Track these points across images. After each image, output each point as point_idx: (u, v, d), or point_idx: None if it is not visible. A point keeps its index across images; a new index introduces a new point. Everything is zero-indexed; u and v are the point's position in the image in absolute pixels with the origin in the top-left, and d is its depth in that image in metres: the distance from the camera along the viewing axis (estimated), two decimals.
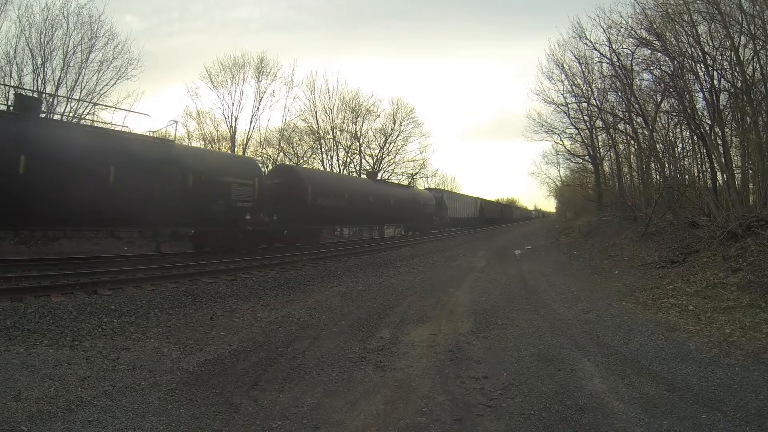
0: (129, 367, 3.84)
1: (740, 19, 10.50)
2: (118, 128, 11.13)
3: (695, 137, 13.25)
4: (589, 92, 21.65)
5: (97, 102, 18.73)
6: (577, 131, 25.72)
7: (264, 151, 27.53)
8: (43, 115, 12.67)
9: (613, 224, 18.20)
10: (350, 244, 18.33)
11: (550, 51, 39.60)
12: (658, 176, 16.67)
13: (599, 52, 18.01)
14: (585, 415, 3.00)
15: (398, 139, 35.65)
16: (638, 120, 16.69)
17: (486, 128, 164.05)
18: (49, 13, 17.85)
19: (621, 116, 18.92)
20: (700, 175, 13.67)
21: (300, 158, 28.79)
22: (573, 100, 22.96)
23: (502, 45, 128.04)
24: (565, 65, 22.20)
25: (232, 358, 4.19)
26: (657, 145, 15.62)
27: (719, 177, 11.63)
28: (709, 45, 11.53)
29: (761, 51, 10.41)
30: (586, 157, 26.77)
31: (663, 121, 15.94)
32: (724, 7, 10.53)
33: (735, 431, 2.82)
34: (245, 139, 27.27)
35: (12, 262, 8.80)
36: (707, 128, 11.78)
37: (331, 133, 32.06)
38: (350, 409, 3.14)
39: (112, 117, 52.09)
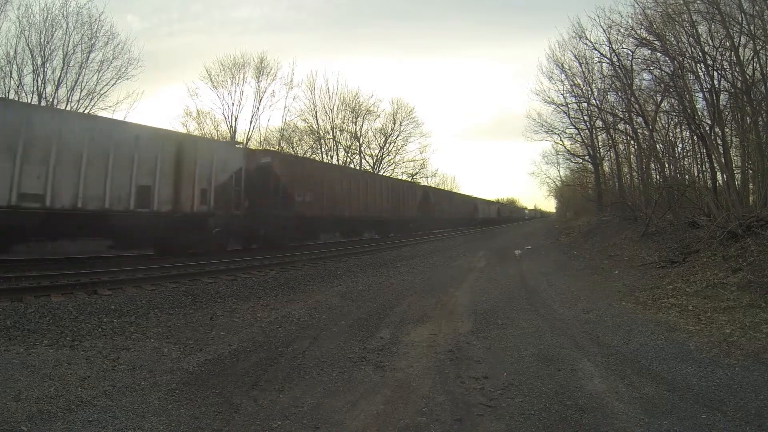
0: (129, 367, 3.83)
1: (740, 19, 10.49)
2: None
3: (695, 137, 13.22)
4: (589, 92, 21.65)
5: (97, 102, 18.92)
6: (577, 131, 25.71)
7: None
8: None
9: (613, 224, 18.18)
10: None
11: (550, 51, 39.52)
12: (658, 176, 16.66)
13: (599, 52, 18.03)
14: (585, 415, 3.00)
15: (398, 139, 35.74)
16: (638, 120, 16.68)
17: (486, 128, 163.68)
18: (49, 14, 17.92)
19: (621, 116, 18.91)
20: (700, 175, 13.65)
21: None
22: (573, 100, 22.96)
23: (502, 45, 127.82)
24: (565, 65, 22.21)
25: (232, 358, 4.19)
26: (657, 145, 15.62)
27: (719, 177, 11.61)
28: (709, 45, 11.52)
29: (761, 51, 10.38)
30: (586, 157, 26.75)
31: (663, 121, 15.92)
32: (724, 7, 10.51)
33: (735, 431, 2.81)
34: (245, 139, 27.32)
35: (12, 262, 8.79)
36: (707, 128, 11.76)
37: (331, 133, 32.12)
38: (350, 409, 3.14)
39: (112, 116, 52.03)
